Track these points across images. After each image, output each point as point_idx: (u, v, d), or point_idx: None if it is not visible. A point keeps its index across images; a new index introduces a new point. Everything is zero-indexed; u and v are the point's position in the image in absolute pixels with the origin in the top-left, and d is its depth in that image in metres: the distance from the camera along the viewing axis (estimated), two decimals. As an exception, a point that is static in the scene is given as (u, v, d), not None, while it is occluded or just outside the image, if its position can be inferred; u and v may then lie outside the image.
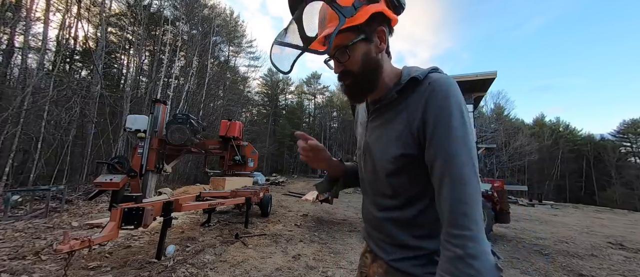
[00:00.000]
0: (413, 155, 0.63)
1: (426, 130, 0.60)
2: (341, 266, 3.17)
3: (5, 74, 10.31)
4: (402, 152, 0.64)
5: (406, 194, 0.67)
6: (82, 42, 14.46)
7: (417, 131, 0.61)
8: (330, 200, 5.50)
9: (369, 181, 0.77)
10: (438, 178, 0.57)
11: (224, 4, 40.45)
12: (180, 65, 18.08)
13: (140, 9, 14.67)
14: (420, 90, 0.63)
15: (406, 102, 0.65)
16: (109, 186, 4.40)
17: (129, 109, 11.86)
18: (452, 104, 0.58)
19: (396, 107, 0.67)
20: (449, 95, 0.58)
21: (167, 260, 2.99)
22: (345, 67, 0.66)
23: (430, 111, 0.59)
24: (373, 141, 0.73)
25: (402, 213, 0.68)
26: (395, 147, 0.65)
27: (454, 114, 0.57)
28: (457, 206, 0.53)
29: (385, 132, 0.69)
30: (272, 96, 40.48)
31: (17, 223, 4.52)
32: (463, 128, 0.57)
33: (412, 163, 0.64)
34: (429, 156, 0.59)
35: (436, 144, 0.57)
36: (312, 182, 20.30)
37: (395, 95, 0.67)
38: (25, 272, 2.60)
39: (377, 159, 0.71)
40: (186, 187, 9.95)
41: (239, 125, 6.28)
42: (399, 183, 0.67)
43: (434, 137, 0.58)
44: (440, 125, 0.57)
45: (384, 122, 0.70)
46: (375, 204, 0.75)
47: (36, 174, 8.83)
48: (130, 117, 5.31)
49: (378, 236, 0.75)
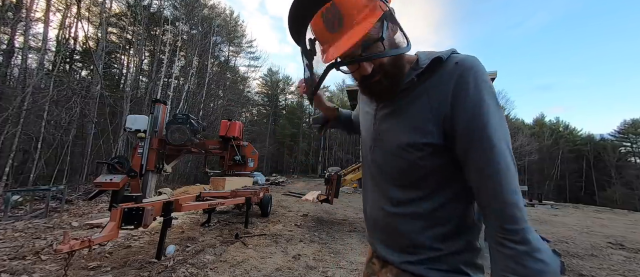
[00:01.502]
0: (435, 144, 0.57)
1: (457, 119, 0.54)
2: (341, 266, 3.17)
3: (5, 74, 10.31)
4: (423, 141, 0.58)
5: (424, 186, 0.61)
6: (82, 42, 14.48)
7: (443, 119, 0.56)
8: (331, 200, 5.49)
9: (380, 173, 0.70)
10: (478, 171, 0.53)
11: (224, 4, 40.51)
12: (180, 65, 18.07)
13: (140, 9, 14.67)
14: (445, 72, 0.57)
15: (425, 86, 0.59)
16: (109, 186, 4.40)
17: (129, 109, 11.86)
18: (485, 88, 0.53)
19: (413, 92, 0.61)
20: (481, 78, 0.54)
21: (167, 260, 2.99)
22: (375, 63, 0.57)
23: (462, 97, 0.53)
24: (385, 130, 0.67)
25: (419, 207, 0.62)
26: (414, 135, 0.59)
27: (489, 100, 0.53)
28: (509, 198, 0.50)
29: (400, 120, 0.63)
30: (272, 96, 40.47)
31: (17, 223, 4.52)
32: (499, 114, 0.53)
33: (433, 153, 0.58)
34: (461, 148, 0.55)
35: (473, 135, 0.52)
36: (312, 182, 20.30)
37: (415, 79, 0.60)
38: (25, 272, 2.60)
39: (391, 149, 0.65)
40: (186, 187, 9.95)
41: (239, 125, 6.28)
42: (416, 174, 0.61)
43: (470, 127, 0.53)
44: (476, 114, 0.52)
45: (398, 109, 0.63)
46: (387, 198, 0.68)
47: (36, 174, 8.83)
48: (130, 117, 5.31)
49: (388, 237, 0.69)
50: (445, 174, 0.59)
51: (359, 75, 0.60)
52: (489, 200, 0.52)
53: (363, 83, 0.62)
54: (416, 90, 0.60)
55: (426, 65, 0.58)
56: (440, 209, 0.60)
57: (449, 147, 0.57)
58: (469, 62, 0.55)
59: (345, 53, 0.51)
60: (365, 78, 0.59)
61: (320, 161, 37.59)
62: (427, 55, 0.61)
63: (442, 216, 0.60)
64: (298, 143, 37.69)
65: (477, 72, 0.54)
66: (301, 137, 38.61)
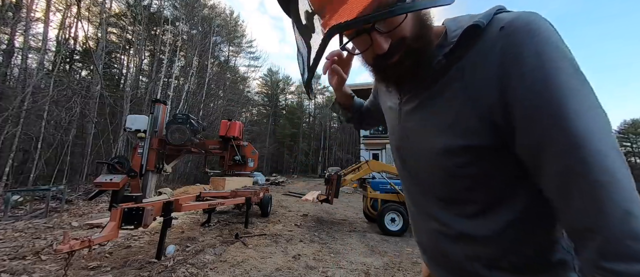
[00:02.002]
0: (482, 147, 0.41)
1: (512, 107, 0.37)
2: (341, 266, 3.17)
3: (5, 74, 10.30)
4: (461, 143, 0.42)
5: (473, 200, 0.46)
6: (82, 42, 14.47)
7: (490, 111, 0.40)
8: (331, 200, 5.49)
9: (415, 185, 0.56)
10: (559, 180, 0.35)
11: (224, 4, 40.53)
12: (180, 66, 18.08)
13: (140, 9, 14.68)
14: (486, 44, 0.40)
15: (459, 67, 0.43)
16: (109, 186, 4.40)
17: (129, 109, 11.86)
18: (554, 53, 0.35)
19: (443, 78, 0.45)
20: (545, 39, 0.36)
21: (167, 260, 2.99)
22: (394, 37, 0.42)
23: (516, 74, 0.37)
24: (411, 129, 0.52)
25: (470, 228, 0.46)
26: (449, 136, 0.44)
27: (564, 69, 0.35)
28: (613, 219, 0.31)
29: (429, 117, 0.48)
30: (272, 96, 40.50)
31: (17, 223, 4.52)
32: (583, 89, 0.35)
33: (480, 157, 0.42)
34: (527, 148, 0.38)
35: (542, 127, 0.35)
36: (312, 182, 20.30)
37: (443, 61, 0.44)
38: (25, 272, 2.59)
39: (422, 155, 0.50)
40: (186, 187, 9.95)
41: (239, 125, 6.27)
42: (459, 185, 0.46)
43: (536, 117, 0.35)
44: (544, 95, 0.35)
45: (425, 103, 0.48)
46: (430, 217, 0.53)
47: (36, 174, 8.83)
48: (130, 117, 5.30)
49: (440, 260, 0.54)
50: (505, 183, 0.43)
51: (373, 56, 0.45)
52: (578, 222, 0.34)
53: (377, 67, 0.47)
54: (447, 74, 0.44)
55: (457, 38, 0.43)
56: (502, 234, 0.43)
57: (507, 146, 0.40)
58: (523, 20, 0.38)
59: (353, 19, 0.37)
60: (380, 59, 0.44)
61: (320, 161, 37.59)
62: (457, 24, 0.45)
63: (506, 245, 0.43)
64: (298, 143, 37.70)
65: (536, 32, 0.36)
66: (301, 137, 38.62)
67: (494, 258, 0.44)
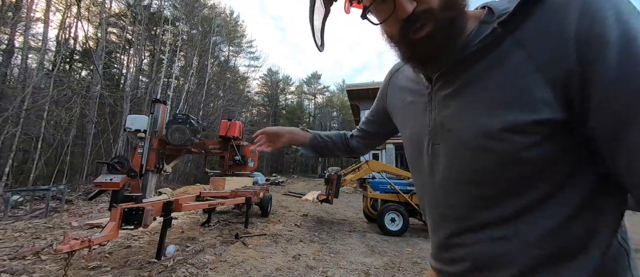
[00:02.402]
0: (555, 121, 0.36)
1: (593, 75, 0.33)
2: (341, 266, 3.17)
3: (5, 74, 10.31)
4: (532, 117, 0.36)
5: (526, 193, 0.39)
6: (82, 42, 14.48)
7: (564, 79, 0.35)
8: (331, 200, 5.50)
9: (448, 186, 0.47)
10: (632, 166, 0.32)
11: (224, 4, 40.54)
12: (180, 66, 18.09)
13: (140, 9, 14.69)
14: (550, 9, 0.36)
15: (517, 36, 0.38)
16: (109, 186, 4.40)
17: (129, 109, 11.86)
18: (637, 15, 0.32)
19: (494, 51, 0.40)
20: (624, 2, 0.33)
21: (167, 260, 2.99)
22: (420, 2, 0.39)
23: (597, 38, 0.32)
24: (451, 117, 0.45)
25: (521, 227, 0.39)
26: (512, 111, 0.38)
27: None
28: None
29: (481, 96, 0.41)
30: (272, 96, 40.53)
31: (17, 223, 4.52)
32: None
33: (549, 136, 0.36)
34: (606, 124, 0.33)
35: (629, 100, 0.31)
36: (312, 182, 20.31)
37: (498, 30, 0.39)
38: (25, 272, 2.60)
39: (467, 141, 0.43)
40: (186, 187, 9.96)
41: (239, 125, 6.27)
42: (510, 175, 0.39)
43: (621, 88, 0.31)
44: (631, 62, 0.31)
45: (473, 81, 0.42)
46: (466, 225, 0.45)
47: (36, 174, 8.83)
48: (130, 117, 5.30)
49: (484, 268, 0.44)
50: (569, 169, 0.37)
51: (397, 25, 0.41)
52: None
53: (404, 38, 0.42)
54: (500, 47, 0.39)
55: (513, 7, 0.38)
56: (561, 230, 0.37)
57: (579, 122, 0.35)
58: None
59: None
60: (406, 28, 0.41)
61: (320, 161, 37.58)
62: (501, 1, 0.42)
63: (562, 242, 0.37)
64: (298, 143, 37.67)
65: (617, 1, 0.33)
66: (301, 137, 38.55)
67: (545, 259, 0.39)
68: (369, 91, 15.45)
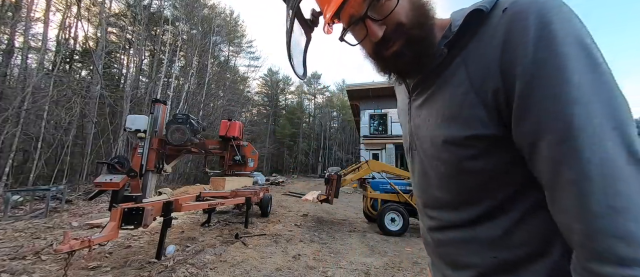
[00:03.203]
0: (489, 136, 0.38)
1: (511, 87, 0.35)
2: (341, 266, 3.17)
3: (5, 74, 10.30)
4: (466, 133, 0.40)
5: (482, 198, 0.42)
6: (82, 42, 14.47)
7: (494, 96, 0.37)
8: (331, 200, 5.50)
9: (421, 187, 0.53)
10: (549, 173, 0.33)
11: (224, 4, 40.56)
12: (180, 65, 18.09)
13: (140, 9, 14.68)
14: (489, 28, 0.38)
15: (463, 55, 0.41)
16: (109, 186, 4.39)
17: (129, 109, 11.86)
18: (560, 31, 0.32)
19: (447, 68, 0.44)
20: (551, 16, 0.33)
21: (167, 260, 2.99)
22: (389, 24, 0.42)
23: (517, 55, 0.34)
24: (418, 126, 0.50)
25: (475, 232, 0.43)
26: (452, 126, 0.42)
27: (566, 47, 0.32)
28: (600, 220, 0.29)
29: (434, 108, 0.45)
30: (272, 96, 40.52)
31: (17, 223, 4.52)
32: (589, 68, 0.31)
33: (488, 149, 0.39)
34: (522, 133, 0.35)
35: (539, 114, 0.32)
36: (312, 182, 20.30)
37: (445, 51, 0.42)
38: (25, 272, 2.60)
39: (425, 151, 0.48)
40: (186, 187, 9.96)
41: (239, 125, 6.27)
42: (467, 182, 0.43)
43: (532, 98, 0.33)
44: (543, 77, 0.32)
45: (431, 96, 0.47)
46: (431, 221, 0.52)
47: (36, 174, 8.83)
48: (130, 117, 5.30)
49: (446, 270, 0.50)
50: (519, 179, 0.39)
51: (370, 45, 0.45)
52: (567, 221, 0.32)
53: (376, 55, 0.46)
54: (452, 64, 0.43)
55: (459, 25, 0.41)
56: (508, 237, 0.40)
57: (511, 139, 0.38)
58: (529, 1, 0.35)
59: (340, 8, 0.42)
60: (378, 47, 0.44)
61: (320, 161, 37.61)
62: (461, 13, 0.43)
63: (514, 242, 0.40)
64: (298, 143, 37.72)
65: (542, 10, 0.34)
66: (301, 137, 38.64)
67: (497, 261, 0.41)
68: (369, 91, 15.44)
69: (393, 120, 14.84)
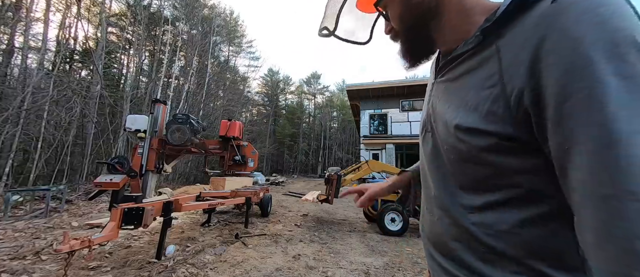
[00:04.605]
0: (502, 135, 0.36)
1: (542, 94, 0.31)
2: (341, 266, 3.17)
3: (5, 74, 10.30)
4: (479, 126, 0.38)
5: (499, 187, 0.40)
6: (82, 42, 14.46)
7: (519, 95, 0.34)
8: (330, 200, 5.49)
9: (431, 168, 0.51)
10: (579, 188, 0.29)
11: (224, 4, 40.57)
12: (180, 66, 18.09)
13: (140, 9, 14.69)
14: (532, 19, 0.34)
15: (498, 45, 0.38)
16: (109, 186, 4.39)
17: (129, 109, 11.86)
18: (599, 36, 0.28)
19: (479, 54, 0.41)
20: (594, 18, 0.29)
21: (167, 260, 2.99)
22: (392, 26, 0.52)
23: (549, 57, 0.31)
24: (437, 105, 0.49)
25: (493, 216, 0.40)
26: (468, 114, 0.40)
27: (606, 59, 0.27)
28: (624, 242, 0.25)
29: (455, 93, 0.44)
30: (272, 96, 40.51)
31: (17, 223, 4.51)
32: (632, 85, 0.26)
33: (503, 149, 0.37)
34: (554, 142, 0.31)
35: (568, 125, 0.29)
36: (312, 182, 20.30)
37: (480, 37, 0.40)
38: (25, 272, 2.59)
39: (442, 133, 0.46)
40: (186, 187, 9.96)
41: (239, 125, 6.27)
42: (482, 173, 0.41)
43: (565, 109, 0.29)
44: (572, 86, 0.28)
45: (456, 80, 0.45)
46: (441, 204, 0.49)
47: (36, 174, 8.83)
48: (130, 117, 5.30)
49: (443, 260, 0.48)
50: (535, 183, 0.37)
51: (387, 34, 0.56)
52: (588, 238, 0.29)
53: (394, 40, 0.55)
54: (484, 51, 0.40)
55: (501, 12, 0.37)
56: (529, 226, 0.37)
57: (534, 143, 0.35)
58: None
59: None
60: (392, 37, 0.54)
61: (320, 161, 37.60)
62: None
63: (530, 239, 0.37)
64: (298, 143, 37.72)
65: (586, 9, 0.29)
66: (301, 137, 38.64)
67: (504, 255, 0.39)
68: (369, 91, 15.43)
69: (393, 120, 14.84)
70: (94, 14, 13.93)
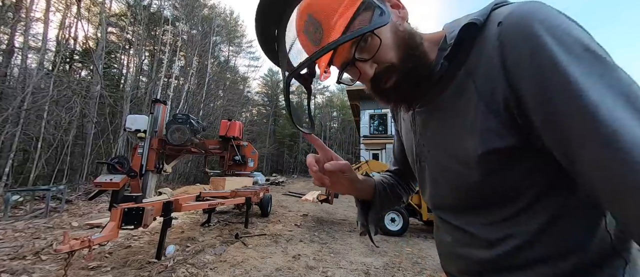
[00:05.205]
0: (505, 148, 0.37)
1: (525, 101, 0.34)
2: (341, 266, 3.17)
3: (5, 74, 10.30)
4: (487, 148, 0.38)
5: (510, 205, 0.41)
6: (82, 42, 14.46)
7: (505, 104, 0.36)
8: (330, 200, 5.50)
9: (435, 198, 0.53)
10: (589, 161, 0.30)
11: (224, 4, 40.57)
12: (180, 66, 18.09)
13: (140, 9, 14.68)
14: (488, 41, 0.38)
15: (467, 69, 0.41)
16: (109, 186, 4.39)
17: (129, 109, 11.86)
18: (550, 35, 0.32)
19: (452, 83, 0.43)
20: (540, 24, 0.33)
21: (167, 260, 2.99)
22: (379, 62, 0.43)
23: (516, 65, 0.34)
24: (430, 138, 0.49)
25: (514, 228, 0.41)
26: (472, 141, 0.40)
27: (563, 50, 0.31)
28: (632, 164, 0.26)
29: (448, 124, 0.45)
30: (272, 96, 40.50)
31: (17, 223, 4.52)
32: (590, 64, 0.30)
33: (513, 159, 0.38)
34: (552, 138, 0.33)
35: (555, 116, 0.31)
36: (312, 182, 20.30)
37: (446, 65, 0.41)
38: (25, 272, 2.60)
39: (443, 163, 0.47)
40: (186, 187, 9.96)
41: (239, 125, 6.28)
42: (490, 192, 0.42)
43: (545, 106, 0.32)
44: (546, 80, 0.31)
45: (441, 107, 0.46)
46: (457, 227, 0.48)
47: (36, 174, 8.83)
48: (130, 117, 5.30)
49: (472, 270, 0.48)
50: (543, 183, 0.39)
51: (368, 83, 0.46)
52: (608, 195, 0.30)
53: (376, 92, 0.47)
54: (457, 77, 0.42)
55: (454, 40, 0.40)
56: (547, 231, 0.38)
57: (536, 142, 0.36)
58: (522, 11, 0.35)
59: (331, 60, 0.43)
60: (374, 84, 0.46)
61: (320, 160, 37.54)
62: (454, 25, 0.43)
63: (549, 241, 0.38)
64: (298, 143, 37.72)
65: (531, 20, 0.33)
66: (301, 137, 38.62)
67: (533, 260, 0.40)
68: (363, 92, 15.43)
69: (393, 121, 14.83)
70: (94, 14, 13.94)
